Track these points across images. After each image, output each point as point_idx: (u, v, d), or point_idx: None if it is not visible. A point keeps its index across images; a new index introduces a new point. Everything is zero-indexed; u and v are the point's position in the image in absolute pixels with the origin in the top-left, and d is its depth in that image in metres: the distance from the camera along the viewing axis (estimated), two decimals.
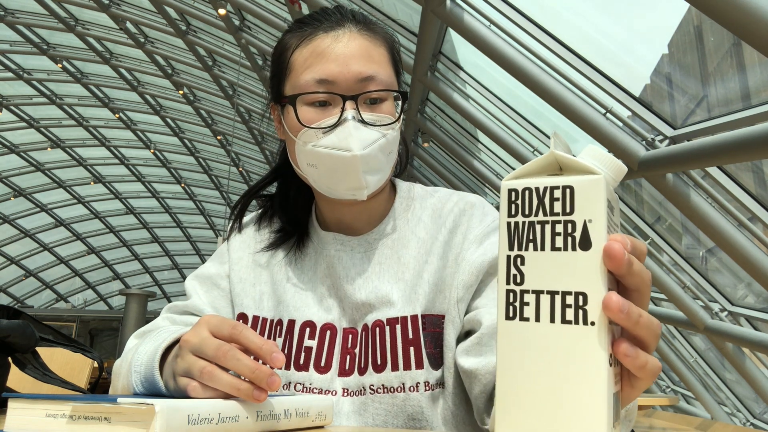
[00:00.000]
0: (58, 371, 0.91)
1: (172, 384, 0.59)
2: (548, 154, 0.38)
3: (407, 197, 0.88)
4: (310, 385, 0.77)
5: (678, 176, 3.31)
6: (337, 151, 0.75)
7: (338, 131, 0.75)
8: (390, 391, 0.74)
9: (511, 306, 0.37)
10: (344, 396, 0.76)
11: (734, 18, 2.11)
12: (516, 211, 0.38)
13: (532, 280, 0.37)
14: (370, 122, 0.76)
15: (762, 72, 3.69)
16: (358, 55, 0.77)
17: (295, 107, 0.76)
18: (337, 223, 0.86)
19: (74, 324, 17.50)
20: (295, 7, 6.26)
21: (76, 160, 18.74)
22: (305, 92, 0.76)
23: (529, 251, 0.38)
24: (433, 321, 0.77)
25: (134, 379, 0.64)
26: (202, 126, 15.64)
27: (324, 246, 0.84)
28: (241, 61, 9.56)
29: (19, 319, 0.82)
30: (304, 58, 0.78)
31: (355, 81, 0.76)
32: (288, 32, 0.83)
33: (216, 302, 0.87)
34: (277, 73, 0.82)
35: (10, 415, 0.50)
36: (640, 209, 4.98)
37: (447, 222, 0.82)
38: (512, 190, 0.38)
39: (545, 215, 0.37)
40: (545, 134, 4.91)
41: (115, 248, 23.29)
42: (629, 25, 5.22)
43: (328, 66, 0.76)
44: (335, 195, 0.80)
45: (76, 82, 14.74)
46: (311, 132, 0.76)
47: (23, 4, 11.98)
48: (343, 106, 0.75)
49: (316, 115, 0.76)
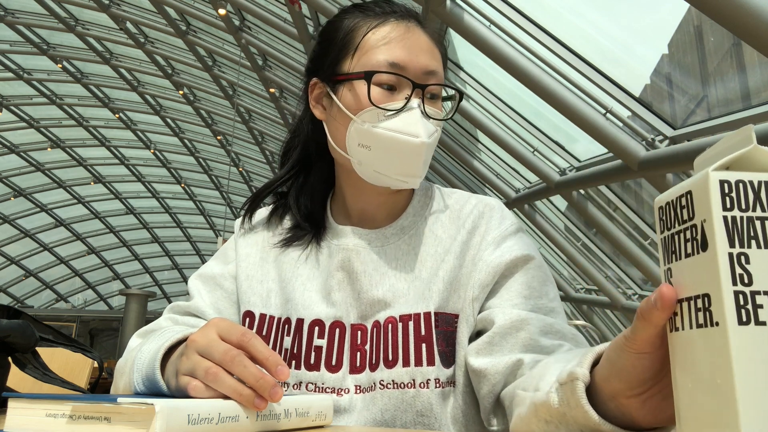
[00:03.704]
0: (58, 371, 0.91)
1: (173, 383, 0.58)
2: (752, 148, 0.36)
3: (425, 195, 0.88)
4: (322, 385, 0.76)
5: (678, 176, 3.31)
6: (404, 136, 0.75)
7: (404, 116, 0.76)
8: (400, 387, 0.74)
9: (743, 309, 0.34)
10: (357, 393, 0.76)
11: (734, 18, 2.11)
12: (731, 204, 0.35)
13: (762, 280, 0.35)
14: (430, 114, 0.78)
15: (762, 72, 3.69)
16: (426, 49, 0.80)
17: (369, 84, 0.77)
18: (359, 214, 0.86)
19: (74, 324, 17.50)
20: (295, 7, 6.26)
21: (76, 160, 18.75)
22: (380, 71, 0.77)
23: (752, 249, 0.35)
24: (446, 319, 0.77)
25: (136, 378, 0.64)
26: (202, 126, 15.65)
27: (340, 239, 0.84)
28: (241, 61, 9.56)
29: (19, 319, 0.82)
30: (376, 39, 0.79)
31: (422, 73, 0.78)
32: (348, 13, 0.84)
33: (219, 303, 0.87)
34: (339, 51, 0.82)
35: (10, 415, 0.50)
36: (640, 209, 4.98)
37: (466, 223, 0.83)
38: (725, 181, 0.36)
39: (763, 211, 0.35)
40: (545, 134, 4.91)
41: (115, 248, 23.30)
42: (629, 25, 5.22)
43: (400, 52, 0.78)
44: (379, 180, 0.79)
45: (76, 82, 14.75)
46: (374, 112, 0.76)
47: (23, 4, 11.99)
48: (411, 93, 0.77)
49: (382, 97, 0.77)
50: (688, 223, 0.37)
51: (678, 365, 0.37)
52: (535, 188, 5.36)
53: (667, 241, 0.39)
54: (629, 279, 5.82)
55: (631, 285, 5.81)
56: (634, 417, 0.46)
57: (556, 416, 0.52)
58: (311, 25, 6.95)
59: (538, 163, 4.95)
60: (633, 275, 5.76)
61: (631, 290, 5.80)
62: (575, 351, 0.65)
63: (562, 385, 0.51)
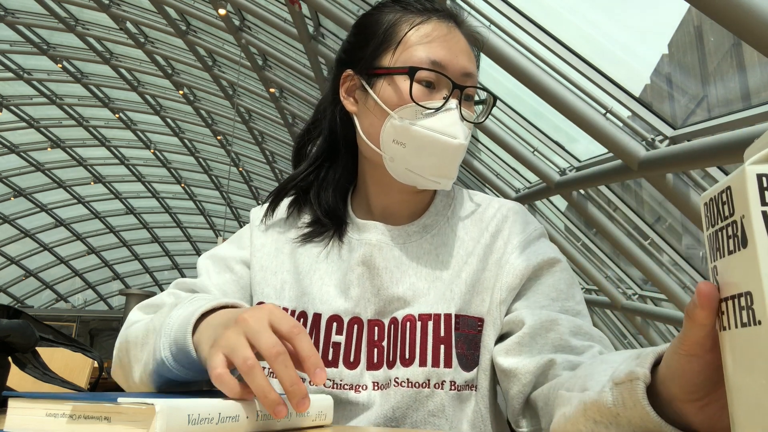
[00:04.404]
0: (58, 371, 0.91)
1: (204, 350, 0.57)
2: None
3: (447, 195, 0.88)
4: (340, 381, 0.76)
5: (678, 176, 3.31)
6: (442, 136, 0.75)
7: (442, 116, 0.76)
8: (415, 386, 0.74)
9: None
10: (375, 390, 0.75)
11: (734, 18, 2.11)
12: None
13: None
14: (465, 117, 0.78)
15: (762, 72, 3.69)
16: (465, 51, 0.80)
17: (413, 80, 0.76)
18: (381, 210, 0.85)
19: (74, 324, 17.49)
20: (295, 7, 6.26)
21: (76, 160, 18.74)
22: (423, 67, 0.76)
23: None
24: (468, 322, 0.77)
25: (162, 342, 0.62)
26: (202, 126, 15.64)
27: (362, 234, 0.83)
28: (241, 61, 9.56)
29: (19, 319, 0.82)
30: (419, 36, 0.79)
31: (461, 74, 0.78)
32: (387, 7, 0.83)
33: (226, 286, 0.85)
34: (379, 45, 0.81)
35: (10, 415, 0.50)
36: (640, 209, 4.98)
37: (490, 226, 0.83)
38: (763, 175, 0.35)
39: None
40: (545, 134, 4.91)
41: (115, 248, 23.30)
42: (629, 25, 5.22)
43: (442, 51, 0.77)
44: (409, 179, 0.79)
45: (76, 82, 14.75)
46: (413, 109, 0.76)
47: (23, 4, 11.99)
48: (450, 94, 0.77)
49: (422, 95, 0.76)
50: (729, 219, 0.36)
51: (728, 365, 0.36)
52: (535, 188, 5.36)
53: (711, 238, 0.38)
54: (629, 279, 5.82)
55: (631, 285, 5.81)
56: (691, 423, 0.45)
57: (608, 416, 0.51)
58: (311, 25, 6.95)
59: (538, 163, 4.95)
60: (633, 275, 5.76)
61: (631, 290, 5.79)
62: (623, 352, 0.63)
63: (617, 385, 0.49)
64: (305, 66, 8.08)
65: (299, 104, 10.45)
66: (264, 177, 18.06)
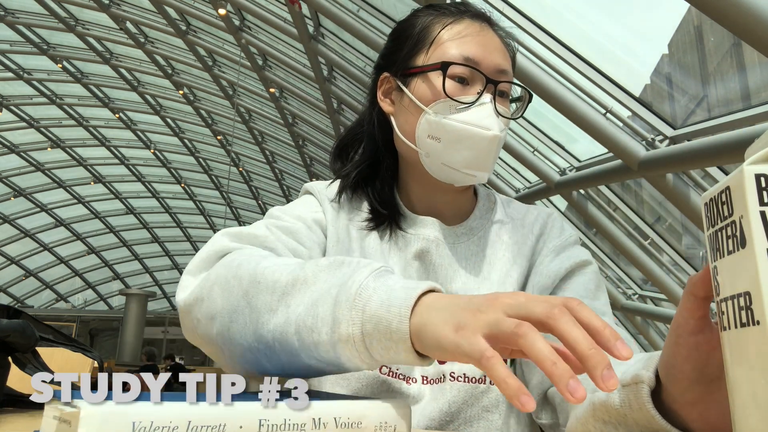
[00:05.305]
0: (58, 371, 0.91)
1: (443, 334, 0.46)
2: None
3: (488, 200, 0.90)
4: (396, 370, 0.76)
5: (678, 176, 3.31)
6: (476, 128, 0.75)
7: (476, 110, 0.76)
8: (471, 381, 0.75)
9: None
10: (424, 384, 0.76)
11: (734, 18, 2.11)
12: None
13: None
14: (500, 112, 0.78)
15: (762, 72, 3.69)
16: (499, 49, 0.81)
17: (445, 75, 0.77)
18: (427, 210, 0.85)
19: (74, 324, 17.49)
20: (295, 7, 6.26)
21: (76, 160, 18.74)
22: (456, 62, 0.77)
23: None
24: None
25: (352, 315, 0.49)
26: (202, 126, 15.64)
27: (418, 228, 0.83)
28: (241, 61, 9.56)
29: (19, 318, 0.82)
30: (451, 34, 0.80)
31: (495, 70, 0.79)
32: (422, 12, 0.85)
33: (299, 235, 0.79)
34: (413, 46, 0.82)
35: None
36: (640, 209, 4.98)
37: (534, 230, 0.86)
38: (761, 175, 0.35)
39: None
40: (545, 134, 4.91)
41: (115, 248, 23.29)
42: (629, 25, 5.21)
43: (475, 48, 0.79)
44: (445, 174, 0.79)
45: (76, 82, 14.75)
46: (447, 104, 0.77)
47: (23, 4, 11.99)
48: (484, 87, 0.77)
49: (455, 89, 0.77)
50: (728, 219, 0.36)
51: (728, 364, 0.37)
52: (535, 188, 5.36)
53: (711, 238, 0.38)
54: (629, 279, 5.82)
55: (631, 285, 5.81)
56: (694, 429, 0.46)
57: (616, 417, 0.52)
58: (311, 25, 6.95)
59: (538, 163, 4.95)
60: (633, 275, 5.76)
61: (631, 290, 5.80)
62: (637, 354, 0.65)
63: (624, 387, 0.50)
64: (305, 66, 8.08)
65: (299, 104, 10.46)
66: (264, 177, 18.06)
